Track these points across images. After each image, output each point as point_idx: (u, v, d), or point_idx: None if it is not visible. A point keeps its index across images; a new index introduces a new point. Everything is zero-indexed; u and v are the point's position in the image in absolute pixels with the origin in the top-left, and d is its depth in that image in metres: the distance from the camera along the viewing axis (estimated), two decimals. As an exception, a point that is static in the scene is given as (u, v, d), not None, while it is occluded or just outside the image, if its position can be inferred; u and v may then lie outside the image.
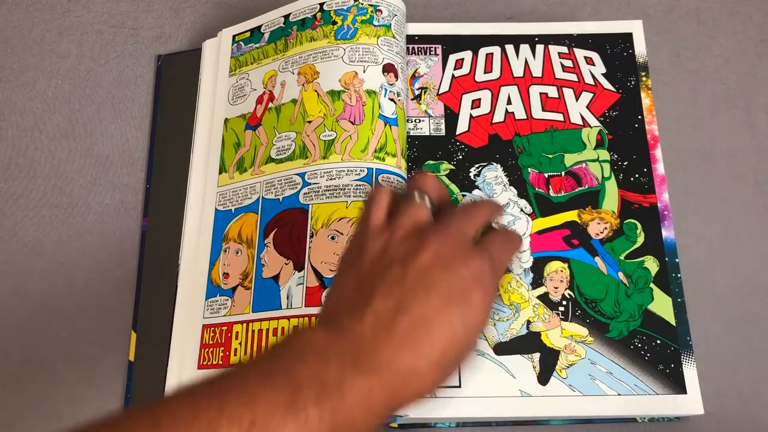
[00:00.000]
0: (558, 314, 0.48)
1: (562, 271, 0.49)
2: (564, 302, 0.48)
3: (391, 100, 0.51)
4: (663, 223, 0.50)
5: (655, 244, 0.49)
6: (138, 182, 0.56)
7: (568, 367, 0.46)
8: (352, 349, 0.31)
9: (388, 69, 0.51)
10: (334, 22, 0.52)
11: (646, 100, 0.54)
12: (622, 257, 0.49)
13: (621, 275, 0.49)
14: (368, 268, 0.34)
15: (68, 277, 0.53)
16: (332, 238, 0.46)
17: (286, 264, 0.47)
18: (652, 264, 0.49)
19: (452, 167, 0.52)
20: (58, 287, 0.52)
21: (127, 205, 0.55)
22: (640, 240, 0.50)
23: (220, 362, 0.47)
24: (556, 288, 0.48)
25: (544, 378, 0.46)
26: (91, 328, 0.51)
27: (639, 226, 0.50)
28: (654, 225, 0.50)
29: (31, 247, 0.54)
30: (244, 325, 0.47)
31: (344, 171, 0.48)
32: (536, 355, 0.47)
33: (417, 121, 0.53)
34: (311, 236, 0.47)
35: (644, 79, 0.54)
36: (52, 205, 0.55)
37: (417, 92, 0.54)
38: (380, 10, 0.52)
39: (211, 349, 0.47)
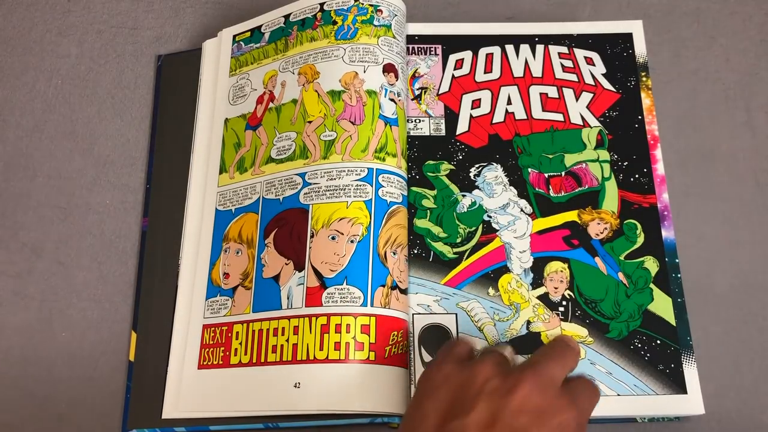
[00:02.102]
0: (558, 314, 0.48)
1: (562, 271, 0.49)
2: (564, 302, 0.48)
3: (392, 100, 0.51)
4: (663, 224, 0.50)
5: (655, 244, 0.49)
6: (138, 182, 0.56)
7: (568, 367, 0.46)
8: None
9: (389, 69, 0.51)
10: (335, 22, 0.52)
11: (646, 100, 0.54)
12: (622, 257, 0.49)
13: (621, 275, 0.49)
14: (458, 393, 0.35)
15: (68, 277, 0.53)
16: (332, 238, 0.46)
17: (286, 264, 0.47)
18: (652, 264, 0.49)
19: (452, 167, 0.52)
20: (58, 287, 0.53)
21: (127, 205, 0.55)
22: (640, 240, 0.50)
23: (221, 362, 0.47)
24: (556, 288, 0.48)
25: (544, 378, 0.46)
26: (91, 328, 0.51)
27: (639, 226, 0.50)
28: (654, 225, 0.50)
29: (31, 247, 0.54)
30: (245, 325, 0.47)
31: (344, 171, 0.48)
32: (536, 355, 0.47)
33: (417, 121, 0.53)
34: (311, 236, 0.47)
35: (644, 79, 0.54)
36: (52, 205, 0.55)
37: (417, 92, 0.54)
38: (380, 10, 0.52)
39: (212, 349, 0.47)
